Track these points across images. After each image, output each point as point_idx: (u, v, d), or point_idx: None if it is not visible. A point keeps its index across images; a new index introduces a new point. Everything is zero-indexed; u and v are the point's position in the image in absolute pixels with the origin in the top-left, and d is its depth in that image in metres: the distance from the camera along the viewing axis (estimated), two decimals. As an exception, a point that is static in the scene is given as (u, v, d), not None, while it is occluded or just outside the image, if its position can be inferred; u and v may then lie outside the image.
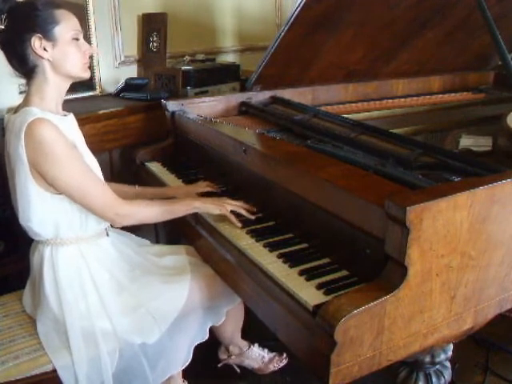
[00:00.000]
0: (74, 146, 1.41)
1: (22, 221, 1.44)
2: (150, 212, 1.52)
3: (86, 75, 1.47)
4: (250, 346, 1.97)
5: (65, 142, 1.36)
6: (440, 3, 2.14)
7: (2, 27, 1.38)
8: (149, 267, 1.62)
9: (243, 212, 1.56)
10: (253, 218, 1.55)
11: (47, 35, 1.37)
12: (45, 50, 1.38)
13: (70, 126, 1.47)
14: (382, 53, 2.32)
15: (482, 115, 2.14)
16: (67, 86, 1.47)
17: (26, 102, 1.41)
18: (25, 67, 1.40)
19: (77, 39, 1.42)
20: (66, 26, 1.40)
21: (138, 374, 1.48)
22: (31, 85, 1.42)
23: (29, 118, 1.33)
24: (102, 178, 1.52)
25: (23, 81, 1.46)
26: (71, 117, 1.51)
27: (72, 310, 1.43)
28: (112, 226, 1.58)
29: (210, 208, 1.57)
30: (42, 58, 1.38)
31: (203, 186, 1.78)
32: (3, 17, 1.39)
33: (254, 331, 1.92)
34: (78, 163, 1.40)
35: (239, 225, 1.52)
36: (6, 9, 1.36)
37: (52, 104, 1.43)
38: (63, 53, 1.40)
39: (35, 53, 1.37)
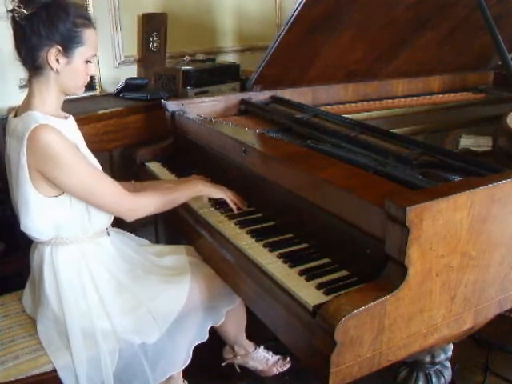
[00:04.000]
0: (77, 148, 1.41)
1: (22, 227, 1.43)
2: (160, 201, 1.54)
3: (80, 92, 1.48)
4: (255, 348, 1.97)
5: (70, 147, 1.36)
6: (440, 3, 2.14)
7: (25, 11, 1.30)
8: (149, 267, 1.62)
9: (233, 205, 1.62)
10: (236, 211, 1.61)
11: (67, 51, 1.36)
12: (57, 61, 1.36)
13: (71, 128, 1.47)
14: (382, 53, 2.32)
15: (482, 115, 2.14)
16: (63, 96, 1.46)
17: (27, 105, 1.40)
18: (31, 63, 1.38)
19: (90, 62, 1.42)
20: (87, 49, 1.40)
21: (137, 373, 1.48)
22: (33, 83, 1.40)
23: (32, 124, 1.32)
24: None
25: (23, 75, 1.43)
26: (71, 119, 1.51)
27: (72, 309, 1.43)
28: (113, 225, 1.57)
29: (213, 191, 1.64)
30: (51, 67, 1.36)
31: (197, 179, 1.81)
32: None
33: (253, 331, 1.92)
34: (85, 165, 1.40)
35: (235, 211, 1.61)
36: (41, 2, 1.31)
37: (53, 106, 1.42)
38: (72, 71, 1.39)
39: (47, 59, 1.35)
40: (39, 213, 1.40)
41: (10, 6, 1.33)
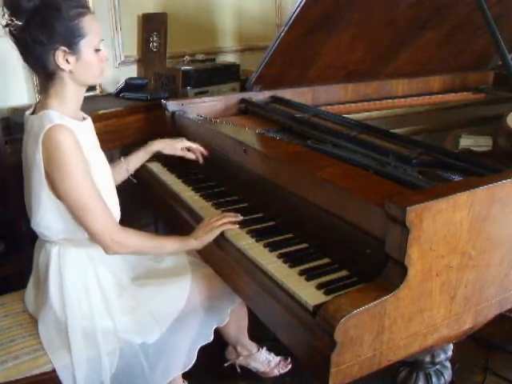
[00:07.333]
0: (86, 161, 1.36)
1: (32, 225, 1.42)
2: (145, 244, 1.46)
3: (100, 81, 1.45)
4: (258, 349, 1.97)
5: (80, 156, 1.33)
6: (440, 3, 2.14)
7: (19, 22, 1.28)
8: (149, 267, 1.62)
9: (229, 226, 1.51)
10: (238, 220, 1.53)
11: (72, 48, 1.33)
12: (67, 61, 1.34)
13: (86, 130, 1.45)
14: (382, 53, 2.32)
15: (482, 115, 2.14)
16: (84, 89, 1.45)
17: (44, 104, 1.37)
18: (43, 71, 1.37)
19: (99, 49, 1.39)
20: (91, 38, 1.36)
21: (137, 374, 1.48)
22: (49, 87, 1.38)
23: (47, 123, 1.30)
24: (112, 182, 1.51)
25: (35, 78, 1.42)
26: (89, 121, 1.48)
27: (74, 310, 1.43)
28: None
29: (206, 239, 1.50)
30: (64, 69, 1.35)
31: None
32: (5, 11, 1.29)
33: (253, 331, 1.92)
34: (88, 182, 1.34)
35: (237, 226, 1.51)
36: (30, 8, 1.28)
37: (71, 107, 1.40)
38: (85, 65, 1.37)
39: (57, 63, 1.33)
40: (51, 214, 1.38)
41: (3, 21, 1.31)
